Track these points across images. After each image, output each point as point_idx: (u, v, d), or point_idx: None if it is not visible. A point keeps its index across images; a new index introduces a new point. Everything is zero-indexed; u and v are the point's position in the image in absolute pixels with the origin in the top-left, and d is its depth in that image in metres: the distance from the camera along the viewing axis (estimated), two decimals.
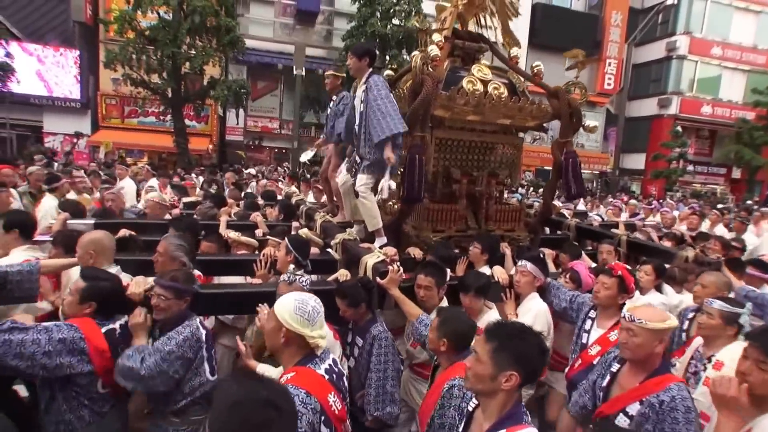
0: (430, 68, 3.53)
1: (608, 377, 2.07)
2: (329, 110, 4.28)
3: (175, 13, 13.58)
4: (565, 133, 4.09)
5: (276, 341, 1.75)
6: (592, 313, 2.80)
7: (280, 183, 9.21)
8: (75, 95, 17.95)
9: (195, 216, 4.32)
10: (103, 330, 2.05)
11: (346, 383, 1.92)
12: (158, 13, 13.73)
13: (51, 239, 3.07)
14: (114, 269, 2.60)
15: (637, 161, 24.39)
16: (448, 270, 2.96)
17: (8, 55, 15.02)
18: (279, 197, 6.12)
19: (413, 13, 16.08)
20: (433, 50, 3.61)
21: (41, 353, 1.85)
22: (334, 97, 4.25)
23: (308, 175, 9.91)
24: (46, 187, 5.41)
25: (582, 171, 4.13)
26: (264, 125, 21.26)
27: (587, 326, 2.75)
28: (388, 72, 4.83)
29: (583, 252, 4.13)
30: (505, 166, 4.24)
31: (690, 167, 21.91)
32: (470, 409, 1.65)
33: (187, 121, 16.44)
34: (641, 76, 24.60)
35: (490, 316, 2.73)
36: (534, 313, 2.87)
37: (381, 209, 4.43)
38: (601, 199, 11.93)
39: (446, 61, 3.96)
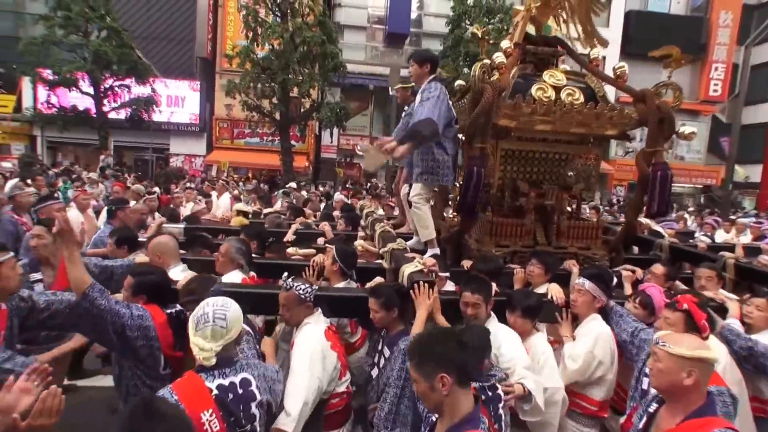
0: (492, 76, 3.41)
1: (645, 418, 1.78)
2: (401, 122, 4.33)
3: (286, 44, 14.97)
4: (653, 142, 3.64)
5: None
6: None
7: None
8: (195, 120, 20.61)
9: (265, 225, 4.66)
10: (166, 313, 2.30)
11: (254, 410, 1.76)
12: (272, 45, 15.27)
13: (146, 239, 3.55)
14: (179, 267, 2.91)
15: (751, 174, 20.87)
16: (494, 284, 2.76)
17: (153, 91, 17.87)
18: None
19: (505, 32, 15.68)
20: (498, 57, 3.48)
21: (128, 326, 2.11)
22: (406, 108, 4.29)
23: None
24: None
25: (673, 185, 3.63)
26: (355, 143, 22.19)
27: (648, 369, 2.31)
28: (459, 82, 4.76)
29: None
30: (581, 178, 3.90)
31: None
32: (433, 419, 1.63)
33: None
34: (756, 79, 20.73)
35: (538, 339, 2.49)
36: (595, 335, 2.51)
37: (445, 221, 4.34)
38: (695, 215, 10.29)
39: (514, 68, 3.79)
